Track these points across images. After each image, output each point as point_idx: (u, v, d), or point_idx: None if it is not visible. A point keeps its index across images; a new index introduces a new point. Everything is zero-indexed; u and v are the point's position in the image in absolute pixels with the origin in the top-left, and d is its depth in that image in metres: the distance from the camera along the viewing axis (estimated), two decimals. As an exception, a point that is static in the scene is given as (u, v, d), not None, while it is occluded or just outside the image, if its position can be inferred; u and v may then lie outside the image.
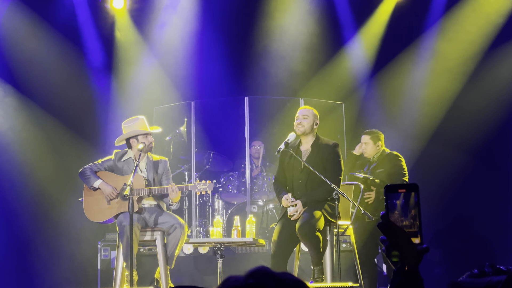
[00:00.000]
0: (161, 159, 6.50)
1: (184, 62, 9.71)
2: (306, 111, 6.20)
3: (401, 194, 1.73)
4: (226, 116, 9.62)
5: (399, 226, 1.71)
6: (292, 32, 9.72)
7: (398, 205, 1.73)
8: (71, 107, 9.22)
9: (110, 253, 8.04)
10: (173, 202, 6.29)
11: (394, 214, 1.73)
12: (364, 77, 9.85)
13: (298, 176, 6.10)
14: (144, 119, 6.42)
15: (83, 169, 6.37)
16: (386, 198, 1.74)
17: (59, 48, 9.19)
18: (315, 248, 5.76)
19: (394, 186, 1.75)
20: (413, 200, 1.72)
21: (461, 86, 9.27)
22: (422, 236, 1.71)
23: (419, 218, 1.72)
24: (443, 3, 9.43)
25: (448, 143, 9.15)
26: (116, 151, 6.50)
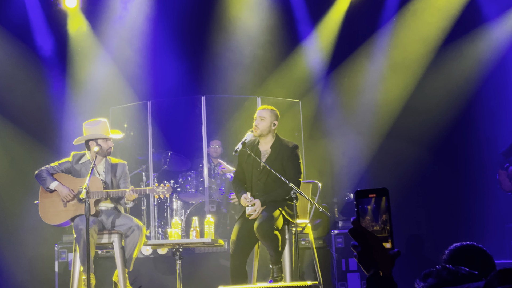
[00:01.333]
0: (119, 162, 6.45)
1: (140, 61, 9.63)
2: (264, 112, 6.14)
3: (372, 199, 1.72)
4: (183, 116, 9.57)
5: (370, 231, 1.70)
6: (248, 29, 9.71)
7: (369, 210, 1.72)
8: (24, 108, 9.08)
9: (67, 255, 7.94)
10: (128, 201, 6.24)
11: (365, 220, 1.72)
12: (320, 75, 9.89)
13: (257, 176, 6.08)
14: (106, 122, 6.36)
15: (39, 171, 6.28)
16: (357, 203, 1.72)
17: (11, 49, 9.04)
18: (273, 247, 5.76)
19: (364, 191, 1.73)
20: (384, 204, 1.71)
21: (417, 82, 9.38)
22: (393, 240, 1.70)
23: (390, 223, 1.71)
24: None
25: (404, 139, 9.25)
26: (74, 153, 6.42)
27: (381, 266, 1.68)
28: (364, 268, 1.71)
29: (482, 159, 9.13)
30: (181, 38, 9.71)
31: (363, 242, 1.69)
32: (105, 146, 6.29)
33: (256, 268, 6.24)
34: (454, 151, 9.46)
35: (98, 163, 6.34)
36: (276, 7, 9.62)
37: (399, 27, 9.52)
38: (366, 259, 1.69)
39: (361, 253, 1.70)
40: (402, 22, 9.50)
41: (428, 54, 9.37)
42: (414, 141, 9.24)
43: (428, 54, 9.37)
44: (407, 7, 9.45)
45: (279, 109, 6.33)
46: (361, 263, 1.70)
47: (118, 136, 6.49)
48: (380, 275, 1.68)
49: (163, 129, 9.48)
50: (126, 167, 6.48)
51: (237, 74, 9.73)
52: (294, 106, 9.12)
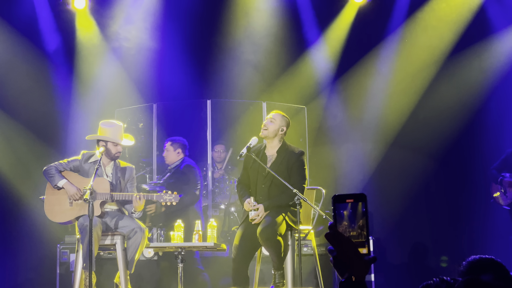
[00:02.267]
0: (128, 166, 6.47)
1: (147, 64, 9.64)
2: (276, 116, 6.15)
3: (349, 204, 1.72)
4: (189, 119, 9.57)
5: (346, 236, 1.70)
6: (255, 35, 9.71)
7: (346, 215, 1.72)
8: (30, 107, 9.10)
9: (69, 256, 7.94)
10: (136, 211, 6.25)
11: (342, 225, 1.72)
12: (327, 81, 9.89)
13: (261, 181, 6.08)
14: (121, 127, 6.37)
15: (48, 167, 6.28)
16: (334, 208, 1.73)
17: (20, 49, 9.07)
18: (276, 252, 5.75)
19: (341, 196, 1.74)
20: (361, 210, 1.72)
21: (423, 91, 9.37)
22: (369, 246, 1.71)
23: (367, 228, 1.71)
24: (406, 8, 9.51)
25: (410, 147, 9.24)
26: (83, 152, 6.43)
27: (355, 271, 1.68)
28: (339, 273, 1.71)
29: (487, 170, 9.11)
30: (188, 41, 9.72)
31: (339, 247, 1.69)
32: (113, 150, 6.30)
33: (258, 274, 6.23)
34: (459, 161, 9.44)
35: (107, 164, 6.36)
36: (284, 13, 9.62)
37: (407, 35, 9.52)
38: (341, 264, 1.69)
39: (336, 258, 1.70)
40: (409, 30, 9.50)
41: (435, 64, 9.36)
42: (419, 150, 9.23)
43: (435, 64, 9.37)
44: (416, 16, 9.44)
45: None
46: (336, 268, 1.71)
47: (129, 143, 6.50)
48: (353, 280, 1.67)
49: (168, 132, 9.48)
50: (134, 171, 6.50)
51: (243, 79, 9.73)
52: (300, 112, 9.12)
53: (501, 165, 8.41)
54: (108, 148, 6.28)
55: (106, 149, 6.26)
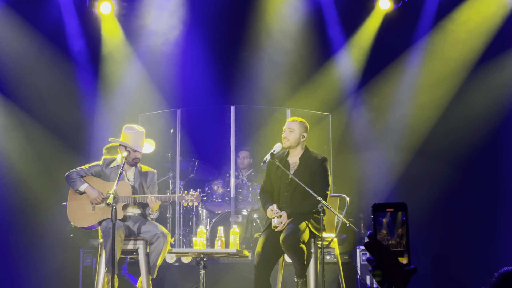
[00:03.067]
0: (149, 171, 6.48)
1: (171, 69, 9.67)
2: (293, 124, 6.12)
3: (388, 213, 1.70)
4: (212, 125, 9.56)
5: (385, 245, 1.67)
6: (280, 41, 9.70)
7: (385, 224, 1.69)
8: (56, 113, 9.16)
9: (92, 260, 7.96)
10: (153, 211, 6.26)
11: (381, 233, 1.69)
12: (351, 89, 9.84)
13: (284, 188, 6.04)
14: (143, 134, 6.37)
15: (69, 172, 6.31)
16: (374, 217, 1.70)
17: (46, 54, 9.13)
18: (299, 260, 5.71)
19: (381, 205, 1.71)
20: (401, 218, 1.68)
21: (449, 100, 9.28)
22: (410, 256, 1.67)
23: (407, 237, 1.67)
24: (433, 15, 9.44)
25: (435, 157, 9.16)
26: (104, 157, 6.46)
27: (395, 281, 1.63)
28: (378, 283, 1.67)
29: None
30: (213, 47, 9.73)
31: (378, 255, 1.66)
32: (132, 155, 6.30)
33: (280, 281, 6.19)
34: (484, 171, 9.33)
35: (128, 169, 6.37)
36: (309, 19, 9.60)
37: (433, 43, 9.45)
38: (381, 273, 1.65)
39: (375, 267, 1.66)
40: (436, 38, 9.42)
41: (462, 72, 9.28)
42: (444, 160, 9.14)
43: (461, 72, 9.28)
44: (442, 24, 9.37)
45: (309, 122, 6.30)
46: (375, 278, 1.67)
47: (150, 149, 6.49)
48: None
49: (191, 137, 9.49)
50: (155, 176, 6.50)
51: (267, 85, 9.71)
52: (324, 119, 9.08)
53: None
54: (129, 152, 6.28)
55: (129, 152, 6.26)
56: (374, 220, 1.70)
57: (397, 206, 1.69)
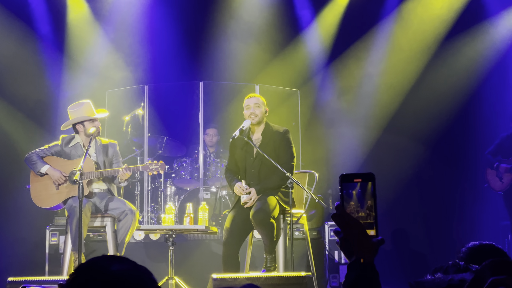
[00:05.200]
0: (110, 142, 6.40)
1: (139, 45, 9.54)
2: (257, 100, 6.09)
3: (357, 184, 1.66)
4: (180, 101, 9.49)
5: (354, 217, 1.64)
6: (249, 17, 9.62)
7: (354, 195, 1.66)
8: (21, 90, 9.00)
9: (58, 237, 7.88)
10: (122, 180, 6.18)
11: (349, 205, 1.66)
12: (320, 65, 9.82)
13: (251, 165, 6.02)
14: (90, 103, 6.27)
15: (28, 154, 6.22)
16: (341, 188, 1.67)
17: (9, 28, 8.95)
18: (269, 235, 5.71)
19: (349, 175, 1.67)
20: (370, 190, 1.66)
21: (417, 76, 9.32)
22: (378, 227, 1.64)
23: (375, 209, 1.65)
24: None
25: (402, 133, 9.20)
26: (63, 136, 6.36)
27: (363, 253, 1.63)
28: (345, 254, 1.67)
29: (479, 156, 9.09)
30: (181, 23, 9.62)
31: (346, 228, 1.63)
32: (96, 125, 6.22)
33: (249, 257, 6.19)
34: (451, 147, 9.42)
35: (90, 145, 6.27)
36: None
37: (401, 19, 9.45)
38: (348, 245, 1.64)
39: (343, 239, 1.65)
40: (404, 14, 9.42)
41: (430, 48, 9.31)
42: (412, 135, 9.20)
43: (429, 48, 9.31)
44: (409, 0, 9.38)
45: (278, 98, 6.30)
46: (342, 250, 1.66)
47: (104, 114, 6.40)
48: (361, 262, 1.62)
49: (159, 113, 9.41)
50: (117, 147, 6.42)
51: (236, 61, 9.65)
52: (293, 95, 9.05)
53: (496, 150, 8.40)
54: (86, 128, 6.20)
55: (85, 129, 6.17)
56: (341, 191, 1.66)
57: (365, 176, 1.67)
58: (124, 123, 8.84)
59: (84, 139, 6.23)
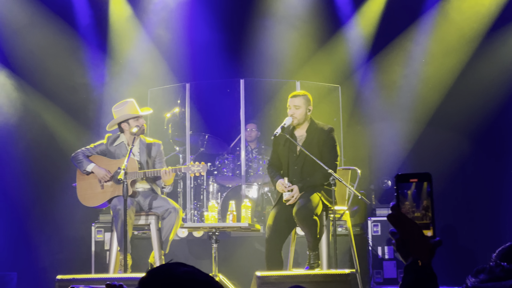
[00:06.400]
0: (154, 142, 6.44)
1: (179, 43, 9.60)
2: (298, 100, 6.03)
3: (413, 183, 1.64)
4: (222, 99, 9.52)
5: (410, 218, 1.62)
6: (289, 12, 9.60)
7: (409, 196, 1.64)
8: (65, 89, 9.14)
9: (104, 234, 7.99)
10: (166, 185, 6.24)
11: (404, 205, 1.64)
12: (361, 60, 9.74)
13: (293, 162, 6.02)
14: (133, 102, 6.34)
15: (75, 153, 6.31)
16: (397, 188, 1.64)
17: (54, 29, 9.08)
18: (312, 232, 5.71)
19: (405, 175, 1.65)
20: (426, 190, 1.63)
21: (461, 69, 9.17)
22: (435, 228, 1.62)
23: (432, 210, 1.63)
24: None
25: (446, 126, 9.08)
26: (108, 135, 6.43)
27: (420, 255, 1.60)
28: (402, 256, 1.64)
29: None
30: (221, 20, 9.65)
31: (402, 229, 1.61)
32: (138, 125, 6.27)
33: (292, 254, 6.20)
34: (496, 141, 9.25)
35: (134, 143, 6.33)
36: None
37: (444, 12, 9.32)
38: (405, 247, 1.62)
39: (399, 241, 1.62)
40: (447, 7, 9.29)
41: (473, 41, 9.16)
42: (456, 129, 9.07)
43: (472, 41, 9.16)
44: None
45: (318, 94, 6.27)
46: (399, 251, 1.63)
47: (148, 112, 6.46)
48: (418, 264, 1.60)
49: (201, 111, 9.46)
50: (161, 147, 6.47)
51: (276, 58, 9.63)
52: (334, 91, 9.02)
53: None
54: (131, 126, 6.25)
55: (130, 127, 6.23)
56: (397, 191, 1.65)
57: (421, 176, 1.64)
58: (164, 121, 8.92)
59: (129, 138, 6.30)
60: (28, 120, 8.96)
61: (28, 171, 8.85)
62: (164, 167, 6.25)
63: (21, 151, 8.84)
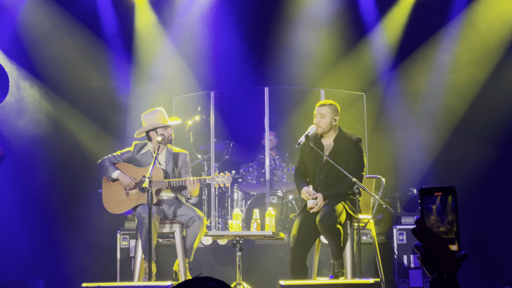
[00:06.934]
0: (181, 152, 6.47)
1: (204, 51, 9.64)
2: (323, 109, 6.04)
3: (437, 197, 1.64)
4: (246, 106, 9.53)
5: (435, 232, 1.62)
6: (313, 21, 9.60)
7: (434, 210, 1.64)
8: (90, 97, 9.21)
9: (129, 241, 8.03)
10: (192, 196, 6.26)
11: (429, 219, 1.64)
12: (386, 68, 9.70)
13: (319, 170, 6.02)
14: (163, 111, 6.38)
15: (102, 160, 6.36)
16: (421, 201, 1.64)
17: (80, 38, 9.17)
18: (335, 241, 5.69)
19: (429, 189, 1.65)
20: (450, 204, 1.63)
21: (486, 76, 9.10)
22: (460, 242, 1.62)
23: (457, 224, 1.62)
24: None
25: (472, 134, 9.01)
26: (135, 143, 6.47)
27: (445, 269, 1.60)
28: (427, 270, 1.63)
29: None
30: (246, 28, 9.68)
31: (427, 243, 1.61)
32: (166, 134, 6.31)
33: (316, 263, 6.18)
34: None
35: (160, 153, 6.36)
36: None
37: (470, 19, 9.25)
38: (430, 261, 1.62)
39: (424, 255, 1.62)
40: (473, 13, 9.23)
41: (500, 49, 9.08)
42: (482, 137, 8.98)
43: (499, 49, 9.08)
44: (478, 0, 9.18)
45: (343, 102, 6.25)
46: (424, 265, 1.63)
47: (176, 122, 6.50)
48: (444, 278, 1.59)
49: (225, 119, 9.48)
50: (187, 157, 6.49)
51: (301, 66, 9.63)
52: (359, 99, 8.99)
53: None
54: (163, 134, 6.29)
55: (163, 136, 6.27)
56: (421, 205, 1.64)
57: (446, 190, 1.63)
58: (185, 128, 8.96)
59: (155, 147, 6.34)
60: (54, 127, 9.04)
61: (54, 178, 8.93)
62: (190, 177, 6.28)
63: (47, 159, 8.93)
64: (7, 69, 8.16)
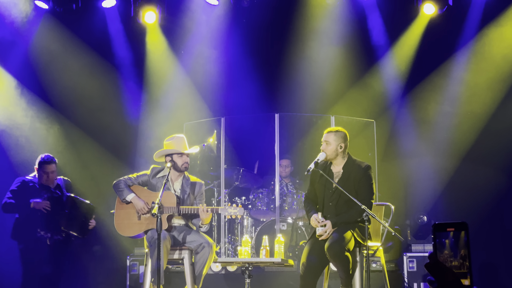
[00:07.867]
0: (198, 182, 6.51)
1: (215, 78, 9.71)
2: (329, 136, 6.03)
3: (450, 232, 1.67)
4: (256, 133, 9.57)
5: (448, 266, 1.64)
6: (324, 48, 9.65)
7: (447, 244, 1.66)
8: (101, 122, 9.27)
9: (139, 268, 8.03)
10: (204, 224, 6.27)
11: (443, 254, 1.67)
12: (396, 95, 9.73)
13: (329, 198, 6.01)
14: (184, 138, 6.43)
15: (117, 181, 6.38)
16: (434, 236, 1.68)
17: (91, 64, 9.26)
18: (344, 268, 5.67)
19: (442, 224, 1.68)
20: (463, 239, 1.66)
21: (496, 105, 9.11)
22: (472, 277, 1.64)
23: (469, 259, 1.65)
24: (478, 20, 9.27)
25: (482, 162, 8.99)
26: (153, 166, 6.50)
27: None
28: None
29: None
30: (256, 55, 9.74)
31: (441, 277, 1.63)
32: (179, 161, 6.34)
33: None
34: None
35: (175, 180, 6.39)
36: (353, 25, 9.52)
37: (479, 47, 9.28)
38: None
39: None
40: (483, 41, 9.26)
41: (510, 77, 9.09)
42: (492, 165, 8.97)
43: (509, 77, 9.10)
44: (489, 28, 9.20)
45: (353, 129, 6.26)
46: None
47: (195, 150, 6.53)
48: None
49: (235, 145, 9.51)
50: (203, 187, 6.53)
51: (311, 92, 9.68)
52: (369, 126, 9.00)
53: None
54: (175, 161, 6.33)
55: (173, 162, 6.31)
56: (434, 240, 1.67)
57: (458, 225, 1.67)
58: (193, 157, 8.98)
59: (172, 173, 6.36)
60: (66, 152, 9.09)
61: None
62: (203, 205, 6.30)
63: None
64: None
